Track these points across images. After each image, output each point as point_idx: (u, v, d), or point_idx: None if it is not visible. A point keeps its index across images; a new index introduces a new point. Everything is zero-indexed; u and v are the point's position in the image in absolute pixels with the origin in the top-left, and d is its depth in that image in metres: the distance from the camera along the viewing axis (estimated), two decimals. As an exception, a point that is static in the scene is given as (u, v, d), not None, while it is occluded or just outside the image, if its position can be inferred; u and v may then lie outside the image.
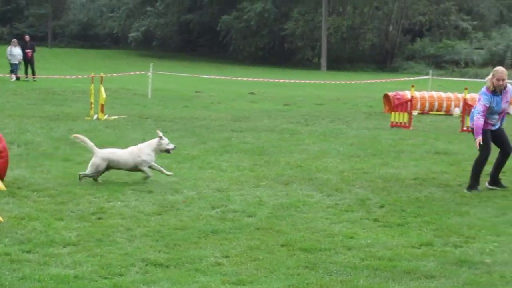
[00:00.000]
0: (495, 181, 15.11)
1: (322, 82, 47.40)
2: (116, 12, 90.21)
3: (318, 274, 9.14)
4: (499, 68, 14.71)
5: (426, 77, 43.22)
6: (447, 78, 50.74)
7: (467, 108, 25.38)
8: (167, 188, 14.00)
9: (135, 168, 14.73)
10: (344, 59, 73.33)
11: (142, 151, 14.72)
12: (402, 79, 46.15)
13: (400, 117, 25.81)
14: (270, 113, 29.44)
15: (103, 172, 14.60)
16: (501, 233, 11.26)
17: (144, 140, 16.07)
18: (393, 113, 26.27)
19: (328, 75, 61.41)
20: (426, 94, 31.70)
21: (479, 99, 14.63)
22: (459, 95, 29.49)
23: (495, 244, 10.64)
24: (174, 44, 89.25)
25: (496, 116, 14.83)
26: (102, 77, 27.70)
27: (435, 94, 31.85)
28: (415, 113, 27.79)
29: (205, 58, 79.05)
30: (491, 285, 8.93)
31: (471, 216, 12.38)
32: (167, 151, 14.97)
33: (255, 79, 45.48)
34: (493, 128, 14.89)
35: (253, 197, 13.43)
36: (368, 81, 46.88)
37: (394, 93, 30.63)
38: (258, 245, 10.30)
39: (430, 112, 30.39)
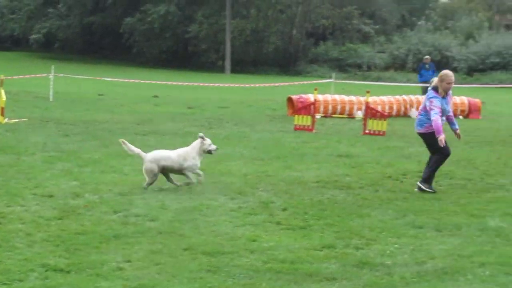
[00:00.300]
0: (426, 180, 15.39)
1: (226, 85, 47.50)
2: (17, 13, 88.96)
3: (221, 277, 9.16)
4: (448, 72, 15.26)
5: (329, 80, 43.62)
6: (350, 82, 51.31)
7: (369, 111, 25.71)
8: (68, 192, 13.85)
9: (179, 172, 14.72)
10: (248, 62, 73.58)
11: (189, 155, 14.74)
12: (306, 82, 46.52)
13: (303, 120, 25.99)
14: (174, 116, 29.38)
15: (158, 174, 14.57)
16: (402, 235, 11.42)
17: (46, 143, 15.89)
18: (296, 116, 26.43)
19: (232, 78, 61.50)
20: (329, 97, 31.99)
21: (431, 102, 15.02)
22: (362, 98, 29.84)
23: (396, 246, 10.80)
24: (77, 46, 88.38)
25: (444, 118, 15.24)
26: (2, 79, 27.27)
27: (338, 97, 32.15)
28: (318, 116, 28.02)
29: (108, 61, 78.48)
30: (391, 286, 9.06)
31: (372, 218, 12.54)
32: (209, 152, 14.98)
33: (158, 82, 45.32)
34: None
35: (155, 201, 13.38)
36: (272, 84, 47.10)
37: (297, 96, 30.83)
38: (161, 249, 10.27)
39: (333, 115, 30.67)
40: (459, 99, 33.01)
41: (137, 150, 14.72)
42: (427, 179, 15.29)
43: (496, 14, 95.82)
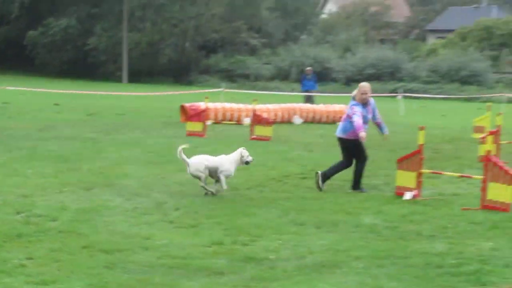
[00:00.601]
0: (356, 185, 15.73)
1: (124, 93, 47.11)
2: None
3: (117, 273, 9.13)
4: (364, 84, 15.84)
5: (219, 89, 43.68)
6: (239, 91, 51.42)
7: (256, 118, 25.85)
8: (-28, 194, 13.62)
9: (216, 175, 14.77)
10: (144, 72, 73.11)
11: (228, 161, 14.91)
12: (198, 91, 46.45)
13: (195, 126, 25.99)
14: (74, 123, 29.02)
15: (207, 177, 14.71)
16: (284, 232, 11.54)
17: None
18: (188, 122, 26.42)
19: (129, 87, 61.07)
20: (219, 105, 32.02)
21: (352, 108, 15.42)
22: (249, 106, 29.94)
23: (279, 242, 10.91)
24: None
25: (366, 126, 15.48)
26: None
27: (227, 105, 32.22)
28: (209, 122, 28.04)
29: (13, 71, 77.04)
30: (274, 279, 9.15)
31: (258, 217, 12.63)
32: (247, 162, 15.08)
33: (60, 91, 44.63)
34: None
35: (56, 202, 13.24)
36: (166, 93, 46.91)
37: (190, 104, 30.80)
38: (61, 247, 10.18)
39: (223, 122, 30.72)
40: (338, 107, 33.44)
41: (183, 157, 14.81)
42: (356, 183, 15.68)
43: (371, 29, 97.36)
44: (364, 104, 15.58)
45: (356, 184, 15.74)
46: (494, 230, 11.92)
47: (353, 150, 15.77)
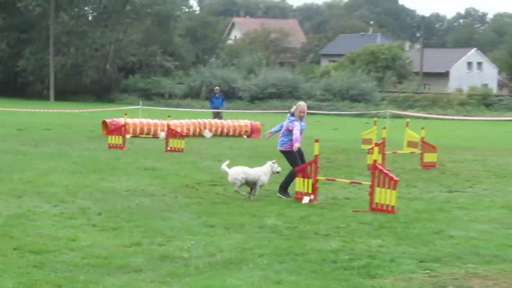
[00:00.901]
0: (284, 190, 15.74)
1: (51, 110, 46.37)
2: None
3: (45, 272, 8.97)
4: (302, 103, 16.10)
5: (137, 107, 43.33)
6: (155, 108, 51.14)
7: (170, 132, 25.73)
8: None
9: (253, 184, 15.26)
10: (70, 92, 71.95)
11: (264, 173, 15.45)
12: (118, 108, 46.03)
13: (116, 139, 25.72)
14: (5, 137, 28.38)
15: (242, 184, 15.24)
16: (196, 233, 11.50)
17: None
18: (110, 136, 26.13)
19: (56, 105, 59.95)
20: (137, 120, 31.78)
21: (292, 123, 15.66)
22: (164, 122, 29.78)
23: (192, 242, 10.86)
24: None
25: (301, 136, 15.75)
26: None
27: (144, 120, 32.00)
28: (128, 136, 27.78)
29: None
30: (188, 275, 9.11)
31: (173, 220, 12.56)
32: (277, 172, 15.64)
33: (-8, 108, 43.74)
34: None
35: (-11, 208, 12.95)
36: (90, 110, 46.34)
37: (111, 120, 30.50)
38: (-7, 249, 9.96)
39: (141, 136, 30.49)
40: (243, 122, 33.55)
41: (225, 168, 15.40)
42: (285, 189, 15.71)
43: (272, 53, 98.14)
44: (301, 119, 15.79)
45: (284, 188, 15.79)
46: (381, 229, 12.09)
47: (288, 159, 15.93)
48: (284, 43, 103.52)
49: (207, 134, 32.05)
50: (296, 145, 15.54)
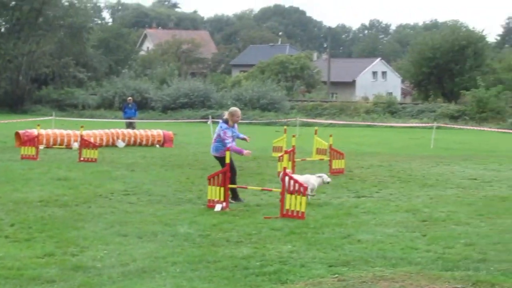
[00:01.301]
0: (235, 195, 15.84)
1: (-38, 122, 45.23)
2: None
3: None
4: (237, 109, 16.55)
5: (50, 117, 42.64)
6: (68, 119, 50.38)
7: (83, 142, 25.36)
8: None
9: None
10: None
11: (314, 179, 16.20)
12: (31, 119, 45.17)
13: (29, 150, 25.18)
14: None
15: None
16: (110, 243, 11.31)
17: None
18: (23, 147, 25.57)
19: (-33, 116, 58.71)
20: (50, 131, 31.22)
21: (224, 133, 15.81)
22: (77, 132, 29.32)
23: (105, 251, 10.68)
24: None
25: (234, 142, 15.95)
26: None
27: (57, 131, 31.46)
28: (41, 147, 27.26)
29: None
30: (101, 284, 8.94)
31: (86, 229, 12.34)
32: (327, 182, 16.52)
33: None
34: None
35: None
36: (2, 121, 45.29)
37: (23, 131, 29.85)
38: None
39: (54, 146, 29.93)
40: (156, 132, 33.31)
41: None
42: (235, 196, 15.79)
43: (184, 64, 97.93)
44: (232, 126, 15.92)
45: (234, 196, 15.79)
46: (292, 235, 12.10)
47: (222, 165, 15.81)
48: (195, 54, 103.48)
49: (120, 144, 31.69)
50: (245, 152, 15.90)
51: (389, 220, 13.73)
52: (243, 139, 16.59)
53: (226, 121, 16.00)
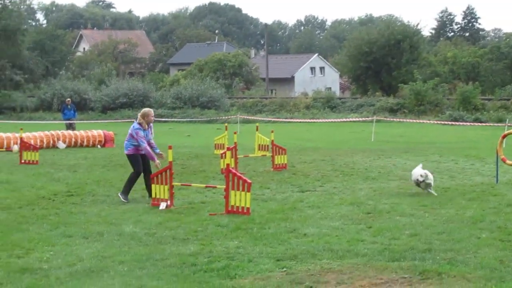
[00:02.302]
0: (126, 193, 15.81)
1: None
2: None
3: None
4: (150, 110, 16.32)
5: (-13, 121, 42.00)
6: (7, 121, 49.65)
7: (23, 144, 25.05)
8: None
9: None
10: None
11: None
12: (-33, 123, 44.44)
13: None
14: None
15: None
16: (56, 244, 11.21)
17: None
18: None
19: None
20: (-13, 135, 30.73)
21: (137, 132, 15.80)
22: (17, 134, 28.91)
23: (51, 253, 10.58)
24: None
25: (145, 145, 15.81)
26: None
27: (-4, 134, 31.00)
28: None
29: None
30: (49, 286, 8.88)
31: (31, 231, 12.20)
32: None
33: None
34: (142, 152, 15.88)
35: None
36: None
37: (-40, 135, 29.33)
38: None
39: (-8, 150, 29.47)
40: (96, 132, 33.00)
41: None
42: (125, 191, 15.78)
43: (121, 64, 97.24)
44: (147, 128, 15.90)
45: (125, 190, 15.79)
46: (238, 230, 12.13)
47: (130, 163, 16.09)
48: (132, 54, 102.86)
49: (61, 145, 31.33)
50: (157, 162, 15.68)
51: (334, 213, 13.85)
52: (159, 155, 16.24)
53: (140, 123, 15.99)
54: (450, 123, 46.19)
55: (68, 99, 43.96)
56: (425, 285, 8.75)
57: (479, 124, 46.66)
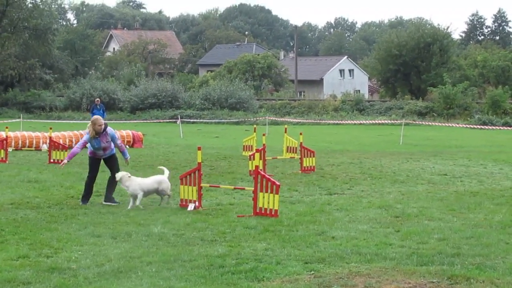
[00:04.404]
0: (109, 198, 15.72)
1: None
2: None
3: None
4: (97, 118, 15.84)
5: (18, 120, 42.34)
6: (36, 120, 50.05)
7: (52, 144, 25.23)
8: None
9: None
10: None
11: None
12: (-2, 122, 44.85)
13: (-3, 153, 25.00)
14: None
15: None
16: (84, 243, 11.27)
17: None
18: (-10, 150, 25.36)
19: None
20: (19, 133, 30.99)
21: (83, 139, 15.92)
22: (46, 134, 29.14)
23: (79, 252, 10.63)
24: None
25: (101, 152, 15.78)
26: None
27: (26, 133, 31.24)
28: (10, 149, 27.03)
29: None
30: (77, 285, 8.91)
31: (60, 231, 12.27)
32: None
33: None
34: (104, 157, 15.95)
35: None
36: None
37: (-9, 134, 29.61)
38: None
39: (23, 148, 29.72)
40: (125, 132, 33.14)
41: None
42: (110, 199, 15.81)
43: (150, 64, 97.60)
44: (97, 136, 15.63)
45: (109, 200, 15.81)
46: (266, 233, 12.12)
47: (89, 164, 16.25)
48: (162, 54, 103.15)
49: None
50: (63, 163, 16.05)
51: (362, 216, 13.81)
52: (125, 159, 16.34)
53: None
54: (479, 127, 45.91)
55: (98, 99, 44.24)
56: (454, 290, 8.69)
57: (509, 128, 46.29)
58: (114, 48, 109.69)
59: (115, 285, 8.91)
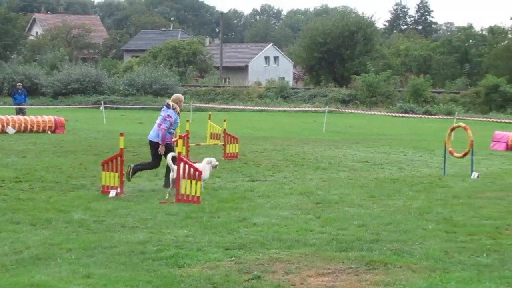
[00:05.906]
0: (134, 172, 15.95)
1: None
2: None
3: None
4: (178, 94, 16.66)
5: None
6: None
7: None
8: None
9: None
10: None
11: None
12: None
13: None
14: None
15: None
16: (2, 230, 11.07)
17: None
18: None
19: None
20: None
21: (169, 116, 16.26)
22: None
23: (-3, 240, 10.46)
24: None
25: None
26: None
27: None
28: None
29: None
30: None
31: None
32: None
33: None
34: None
35: None
36: None
37: None
38: None
39: None
40: (47, 118, 32.62)
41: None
42: (135, 171, 15.88)
43: (74, 49, 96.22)
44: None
45: (133, 172, 15.82)
46: (188, 219, 12.11)
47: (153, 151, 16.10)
48: (86, 39, 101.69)
49: (10, 130, 30.94)
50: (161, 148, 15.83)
51: (284, 203, 13.90)
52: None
53: (171, 107, 16.47)
54: (400, 115, 46.67)
55: (19, 83, 43.41)
56: (372, 275, 8.83)
57: (429, 116, 47.26)
58: (37, 32, 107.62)
59: (33, 272, 8.78)
